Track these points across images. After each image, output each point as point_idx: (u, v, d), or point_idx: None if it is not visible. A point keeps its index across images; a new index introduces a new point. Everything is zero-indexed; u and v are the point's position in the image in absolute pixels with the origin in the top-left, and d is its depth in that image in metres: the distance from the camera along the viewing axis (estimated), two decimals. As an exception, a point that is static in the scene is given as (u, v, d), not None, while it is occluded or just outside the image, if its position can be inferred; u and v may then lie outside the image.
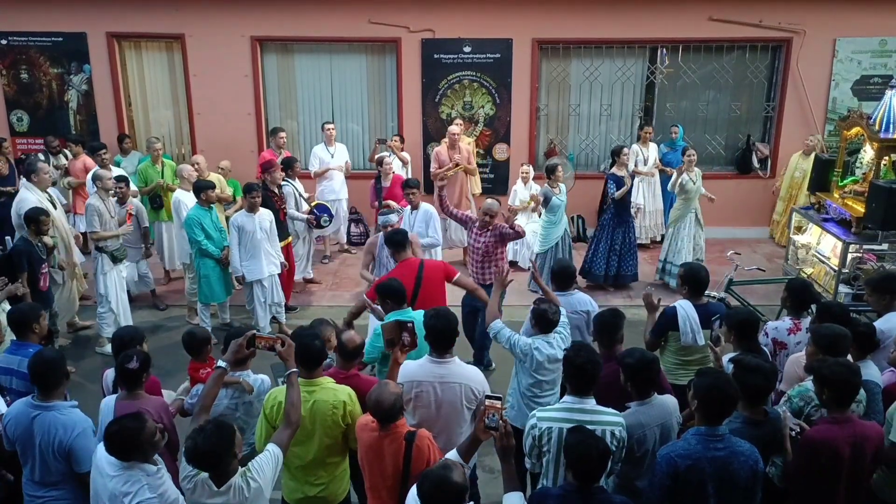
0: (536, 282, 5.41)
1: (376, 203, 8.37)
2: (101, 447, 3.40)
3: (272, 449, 3.40)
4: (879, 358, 4.50)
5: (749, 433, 3.52)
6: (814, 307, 4.89)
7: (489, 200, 6.61)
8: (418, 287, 5.60)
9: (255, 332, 3.77)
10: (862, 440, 3.57)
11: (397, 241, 5.87)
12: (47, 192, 7.47)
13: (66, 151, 9.68)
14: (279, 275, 7.52)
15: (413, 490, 3.09)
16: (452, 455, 3.41)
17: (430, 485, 2.89)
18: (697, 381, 3.44)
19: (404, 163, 9.89)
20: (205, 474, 3.21)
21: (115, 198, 7.52)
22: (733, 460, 3.30)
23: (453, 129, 9.50)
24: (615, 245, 8.64)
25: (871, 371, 4.19)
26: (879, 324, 4.77)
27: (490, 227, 6.40)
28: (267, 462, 3.33)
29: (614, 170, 8.61)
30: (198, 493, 3.21)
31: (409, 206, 7.36)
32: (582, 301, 5.32)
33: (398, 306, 4.91)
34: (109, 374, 4.42)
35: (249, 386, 4.37)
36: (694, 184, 8.43)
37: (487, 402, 3.33)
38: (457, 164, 9.22)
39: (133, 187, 8.94)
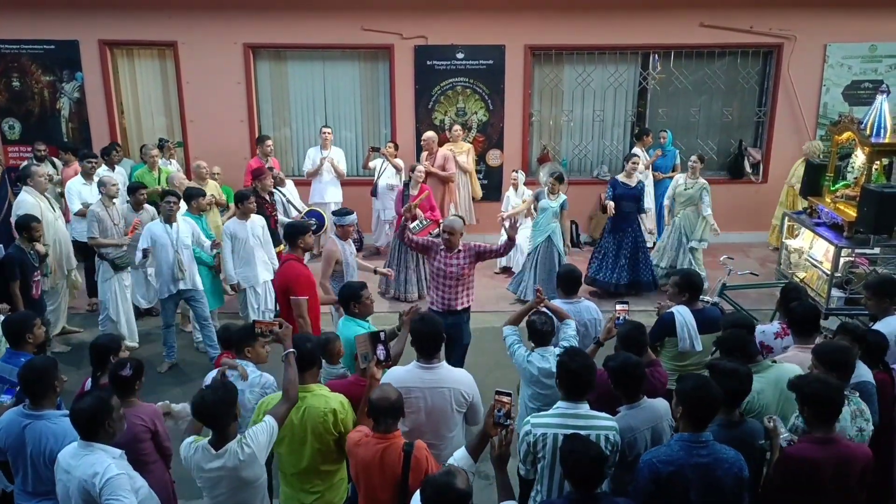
0: (547, 307, 4.95)
1: (403, 208, 8.33)
2: (61, 452, 3.46)
3: (268, 420, 3.59)
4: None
5: (724, 435, 3.52)
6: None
7: (451, 218, 6.35)
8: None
9: (254, 319, 4.18)
10: (846, 461, 3.46)
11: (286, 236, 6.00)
12: (46, 196, 7.49)
13: (54, 159, 9.64)
14: (272, 281, 7.50)
15: (416, 497, 3.08)
16: (461, 454, 3.42)
17: (433, 490, 2.89)
18: (681, 386, 3.44)
19: (398, 170, 9.90)
20: (205, 440, 3.47)
21: (129, 204, 7.56)
22: (717, 467, 3.28)
23: (427, 134, 9.51)
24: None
25: (861, 371, 4.17)
26: (878, 327, 4.79)
27: (462, 248, 5.79)
28: (262, 431, 3.53)
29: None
30: (198, 456, 3.46)
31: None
32: (589, 309, 5.27)
33: None
34: (87, 384, 4.39)
35: (244, 371, 4.42)
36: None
37: (497, 397, 3.35)
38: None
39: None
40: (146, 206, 7.87)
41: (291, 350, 3.83)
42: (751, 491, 3.52)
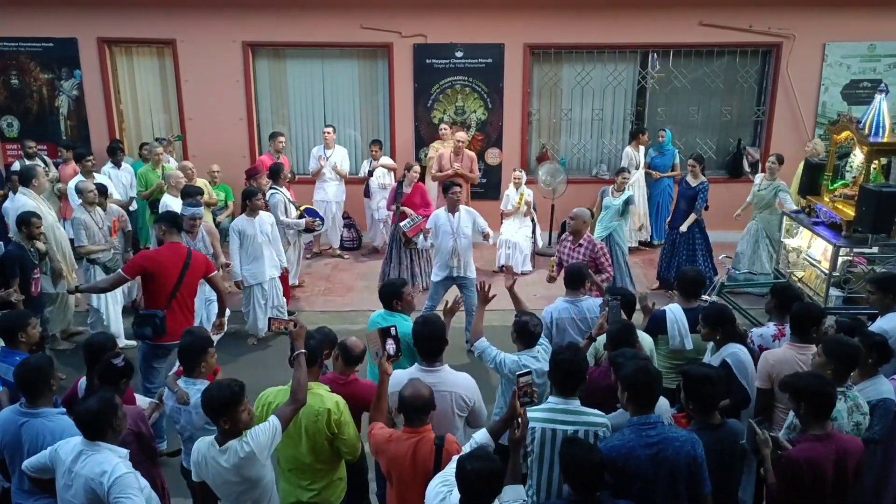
0: (511, 292, 5.28)
1: (393, 206, 8.41)
2: (59, 450, 3.45)
3: (272, 420, 3.57)
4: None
5: (706, 438, 3.51)
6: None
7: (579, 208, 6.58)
8: (184, 272, 5.72)
9: (270, 317, 4.09)
10: (844, 456, 3.47)
11: (170, 219, 5.96)
12: (43, 199, 7.49)
13: (45, 157, 9.64)
14: (279, 277, 7.52)
15: (438, 481, 3.12)
16: (482, 435, 3.43)
17: (474, 468, 2.91)
18: (622, 373, 3.47)
19: (389, 169, 9.93)
20: (211, 437, 3.51)
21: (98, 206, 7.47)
22: (668, 446, 3.32)
23: (461, 135, 9.62)
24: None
25: (884, 388, 4.10)
26: (882, 323, 4.80)
27: (585, 241, 6.31)
28: (264, 431, 3.51)
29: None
30: (207, 452, 3.52)
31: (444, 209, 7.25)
32: (591, 307, 5.23)
33: None
34: (82, 382, 4.40)
35: (184, 396, 4.14)
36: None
37: (522, 379, 3.39)
38: (456, 174, 9.12)
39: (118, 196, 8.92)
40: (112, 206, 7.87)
41: (302, 351, 3.76)
42: (732, 486, 3.56)
